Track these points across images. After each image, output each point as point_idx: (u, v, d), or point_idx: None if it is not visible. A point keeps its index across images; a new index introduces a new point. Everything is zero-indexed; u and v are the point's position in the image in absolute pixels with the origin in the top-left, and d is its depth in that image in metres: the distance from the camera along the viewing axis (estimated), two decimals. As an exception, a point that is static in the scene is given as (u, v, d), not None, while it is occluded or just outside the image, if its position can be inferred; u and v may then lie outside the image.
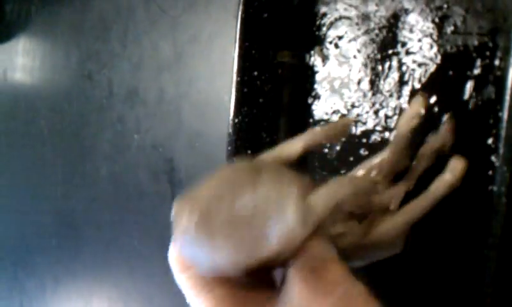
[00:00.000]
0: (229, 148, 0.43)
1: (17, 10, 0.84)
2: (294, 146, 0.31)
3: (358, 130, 0.39)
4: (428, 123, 0.34)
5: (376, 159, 0.34)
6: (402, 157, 0.34)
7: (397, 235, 0.32)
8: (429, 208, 0.32)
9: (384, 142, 0.38)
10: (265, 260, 0.24)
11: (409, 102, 0.37)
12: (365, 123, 0.39)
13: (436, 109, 0.35)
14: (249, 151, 0.43)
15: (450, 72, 0.35)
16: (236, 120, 0.43)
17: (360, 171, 0.35)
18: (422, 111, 0.33)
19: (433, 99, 0.35)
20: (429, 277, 0.35)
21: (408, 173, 0.34)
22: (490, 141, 0.33)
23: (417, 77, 0.36)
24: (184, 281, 0.27)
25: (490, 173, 0.32)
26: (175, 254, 0.28)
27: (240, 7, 0.41)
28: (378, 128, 0.38)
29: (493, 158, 0.32)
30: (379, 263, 0.34)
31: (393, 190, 0.33)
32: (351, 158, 0.40)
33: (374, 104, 0.38)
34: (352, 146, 0.40)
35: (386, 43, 0.38)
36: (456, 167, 0.31)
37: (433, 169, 0.33)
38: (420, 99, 0.34)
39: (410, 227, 0.33)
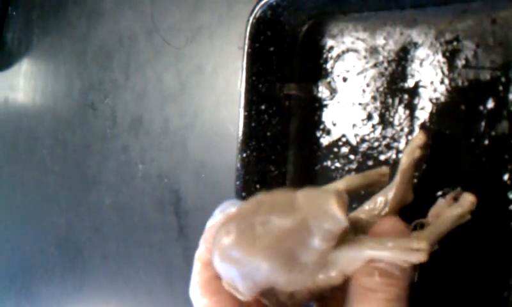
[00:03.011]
0: (237, 183, 0.42)
1: (18, 38, 0.84)
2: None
3: (368, 163, 0.39)
4: (444, 159, 0.34)
5: (383, 195, 0.34)
6: (407, 192, 0.34)
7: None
8: (437, 240, 0.31)
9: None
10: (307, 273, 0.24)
11: (420, 136, 0.36)
12: (376, 157, 0.38)
13: (448, 145, 0.35)
14: (257, 185, 0.43)
15: (463, 107, 0.34)
16: (244, 154, 0.42)
17: (367, 207, 0.35)
18: (423, 142, 0.33)
19: (446, 134, 0.35)
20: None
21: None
22: (506, 177, 0.32)
23: (428, 111, 0.36)
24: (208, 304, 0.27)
25: (507, 210, 0.32)
26: (205, 277, 0.28)
27: (246, 41, 0.41)
28: (390, 161, 0.38)
29: (510, 195, 0.32)
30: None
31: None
32: (362, 192, 0.39)
33: (384, 138, 0.38)
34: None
35: (396, 76, 0.37)
36: (466, 199, 0.31)
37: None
38: (421, 132, 0.34)
39: None
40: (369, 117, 0.39)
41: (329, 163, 0.41)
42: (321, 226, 0.24)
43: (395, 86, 0.37)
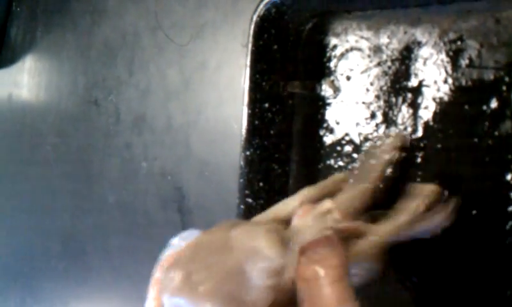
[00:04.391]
0: (241, 181, 0.43)
1: (22, 34, 0.84)
2: (290, 205, 0.31)
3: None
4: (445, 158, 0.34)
5: (355, 190, 0.33)
6: (381, 190, 0.34)
7: (371, 256, 0.31)
8: (403, 231, 0.31)
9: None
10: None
11: (423, 135, 0.36)
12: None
13: (452, 144, 0.35)
14: (260, 184, 0.43)
15: (466, 106, 0.34)
16: (247, 152, 0.42)
17: (338, 200, 0.34)
18: (401, 145, 0.33)
19: (449, 133, 0.35)
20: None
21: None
22: (509, 177, 0.32)
23: (432, 110, 0.36)
24: None
25: (509, 210, 0.32)
26: None
27: (250, 39, 0.41)
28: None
29: (512, 195, 0.32)
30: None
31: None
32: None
33: (388, 137, 0.38)
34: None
35: (399, 75, 0.37)
36: (426, 189, 0.32)
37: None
38: (400, 135, 0.34)
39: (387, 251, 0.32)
40: (373, 116, 0.39)
41: (332, 162, 0.41)
42: (256, 266, 0.25)
43: (399, 84, 0.37)
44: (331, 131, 0.41)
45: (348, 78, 0.40)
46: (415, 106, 0.36)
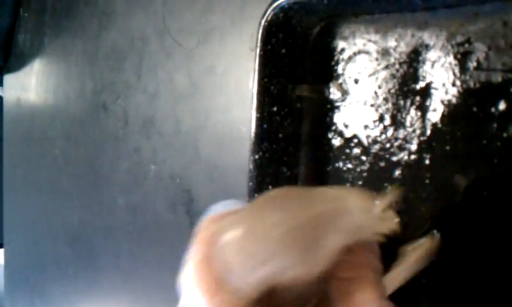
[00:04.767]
0: (250, 184, 0.43)
1: (30, 39, 0.85)
2: None
3: (381, 164, 0.39)
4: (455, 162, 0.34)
5: None
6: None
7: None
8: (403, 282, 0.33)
9: (406, 177, 0.38)
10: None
11: (432, 137, 0.36)
12: (388, 158, 0.39)
13: (461, 146, 0.35)
14: (270, 187, 0.43)
15: (474, 108, 0.34)
16: (256, 156, 0.43)
17: None
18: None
19: (458, 135, 0.35)
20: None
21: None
22: (518, 179, 0.32)
23: (440, 112, 0.36)
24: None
25: (519, 211, 0.32)
26: (203, 272, 0.25)
27: (258, 44, 0.42)
28: (402, 162, 0.38)
29: (522, 197, 0.32)
30: None
31: None
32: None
33: (396, 139, 0.38)
34: (375, 180, 0.40)
35: (407, 78, 0.38)
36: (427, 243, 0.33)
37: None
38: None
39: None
40: (381, 118, 0.39)
41: (341, 164, 0.41)
42: (344, 219, 0.24)
43: (407, 87, 0.38)
44: (340, 134, 0.41)
45: (356, 81, 0.40)
46: (423, 108, 0.37)
